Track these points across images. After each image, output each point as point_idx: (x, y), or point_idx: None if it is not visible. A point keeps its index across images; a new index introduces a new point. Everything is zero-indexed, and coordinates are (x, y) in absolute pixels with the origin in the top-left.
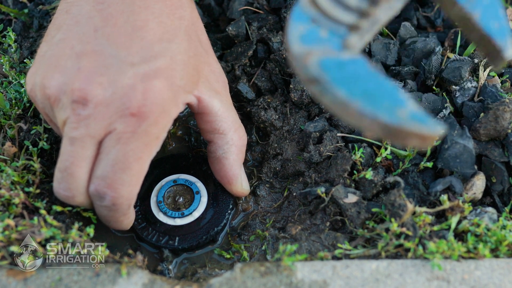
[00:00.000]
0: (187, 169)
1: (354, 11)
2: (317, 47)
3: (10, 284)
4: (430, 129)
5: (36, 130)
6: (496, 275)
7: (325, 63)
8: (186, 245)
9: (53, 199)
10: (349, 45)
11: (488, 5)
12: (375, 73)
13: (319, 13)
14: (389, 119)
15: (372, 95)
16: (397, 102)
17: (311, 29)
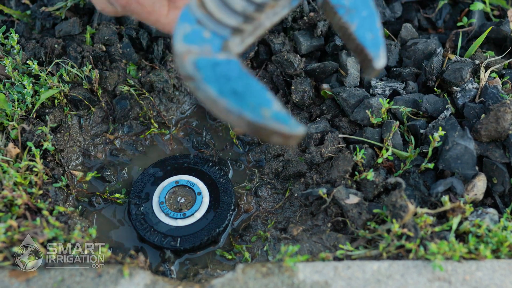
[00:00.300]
0: (189, 170)
1: (239, 15)
2: (198, 46)
3: (12, 285)
4: (291, 129)
5: (41, 130)
6: (498, 276)
7: (200, 62)
8: (188, 246)
9: (55, 200)
10: (228, 47)
11: (365, 17)
12: (246, 74)
13: (206, 15)
14: (253, 117)
15: (240, 94)
16: (263, 102)
17: (196, 29)
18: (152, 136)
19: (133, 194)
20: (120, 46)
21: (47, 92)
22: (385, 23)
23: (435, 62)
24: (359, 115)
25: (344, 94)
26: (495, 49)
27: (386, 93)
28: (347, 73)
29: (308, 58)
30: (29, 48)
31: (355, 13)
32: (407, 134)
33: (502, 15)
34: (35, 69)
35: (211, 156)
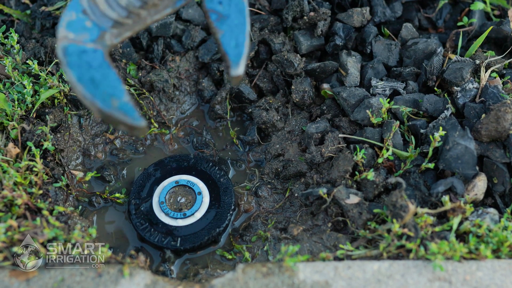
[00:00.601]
0: (189, 170)
1: (123, 9)
2: (75, 34)
3: (12, 284)
4: (133, 120)
5: (42, 130)
6: (498, 276)
7: (69, 48)
8: (188, 246)
9: (55, 200)
10: (104, 38)
11: (235, 25)
12: (107, 64)
13: (93, 6)
14: (103, 105)
15: (95, 83)
16: (115, 93)
17: (80, 18)
18: (152, 136)
19: (133, 194)
20: (120, 46)
21: (47, 91)
22: (385, 23)
23: (435, 62)
24: (360, 115)
25: (345, 94)
26: (495, 49)
27: (386, 93)
28: (347, 72)
29: (308, 58)
30: (29, 47)
31: (226, 20)
32: (407, 134)
33: (503, 14)
34: (35, 69)
35: (211, 156)
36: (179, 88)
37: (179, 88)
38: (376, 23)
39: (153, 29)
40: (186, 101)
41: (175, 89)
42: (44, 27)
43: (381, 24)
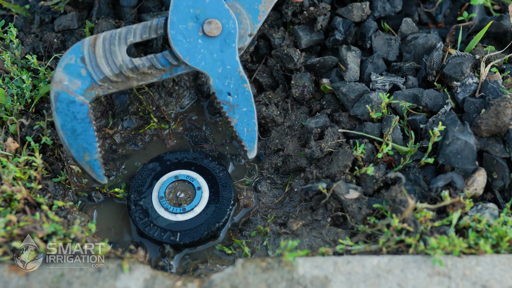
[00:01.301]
0: (188, 165)
1: (116, 68)
2: (69, 80)
3: (12, 279)
4: (97, 177)
5: (39, 125)
6: (497, 271)
7: (61, 95)
8: (188, 241)
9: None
10: (93, 89)
11: (244, 112)
12: (88, 120)
13: (92, 55)
14: (76, 155)
15: (75, 134)
16: (88, 148)
17: (78, 64)
18: (152, 130)
19: (132, 189)
20: None
21: (46, 86)
22: (385, 18)
23: (435, 57)
24: (359, 109)
25: (344, 88)
26: (495, 44)
27: (386, 87)
28: (347, 67)
29: (308, 53)
30: (28, 42)
31: (236, 109)
32: (407, 129)
33: (503, 9)
34: (34, 64)
35: (211, 151)
36: (179, 83)
37: (178, 83)
38: (376, 18)
39: None
40: (185, 95)
41: (174, 84)
42: (43, 21)
43: (381, 19)
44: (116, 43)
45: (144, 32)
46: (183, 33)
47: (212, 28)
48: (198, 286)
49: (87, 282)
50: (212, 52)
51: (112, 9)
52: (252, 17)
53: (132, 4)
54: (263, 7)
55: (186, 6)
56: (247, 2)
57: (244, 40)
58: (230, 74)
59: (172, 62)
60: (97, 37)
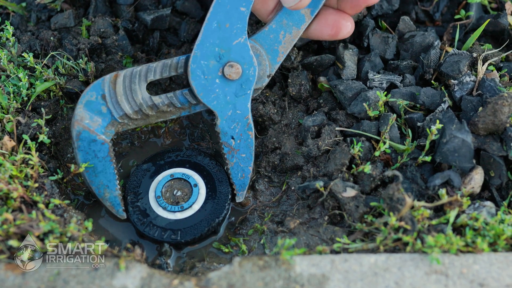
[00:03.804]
0: (183, 163)
1: (136, 106)
2: (90, 117)
3: (8, 278)
4: (117, 213)
5: (37, 123)
6: (495, 269)
7: (82, 134)
8: (189, 238)
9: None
10: (114, 126)
11: (242, 158)
12: (109, 159)
13: (113, 92)
14: (97, 192)
15: (96, 172)
16: (109, 185)
17: (98, 101)
18: (149, 128)
19: (128, 191)
20: (116, 39)
21: (42, 84)
22: (382, 16)
23: (432, 55)
24: (356, 108)
25: (341, 87)
26: (492, 42)
27: (383, 86)
28: (344, 66)
29: (305, 51)
30: (24, 40)
31: (236, 153)
32: (404, 127)
33: (500, 7)
34: (30, 62)
35: (208, 148)
36: (175, 80)
37: (175, 81)
38: (373, 16)
39: (149, 22)
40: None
41: (171, 81)
42: (39, 19)
43: (378, 17)
44: (136, 81)
45: (164, 70)
46: (203, 70)
47: (232, 72)
48: (195, 284)
49: (83, 280)
50: (226, 94)
51: (108, 7)
52: (271, 57)
53: (128, 2)
54: (283, 48)
55: (213, 44)
56: (267, 43)
57: (262, 81)
58: (238, 119)
59: (191, 101)
60: (118, 75)
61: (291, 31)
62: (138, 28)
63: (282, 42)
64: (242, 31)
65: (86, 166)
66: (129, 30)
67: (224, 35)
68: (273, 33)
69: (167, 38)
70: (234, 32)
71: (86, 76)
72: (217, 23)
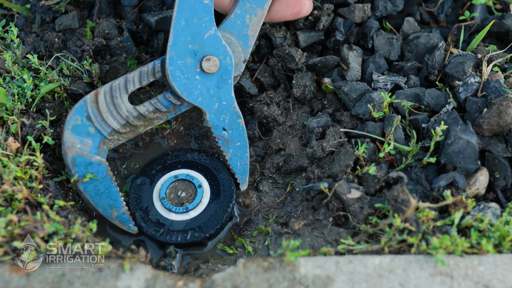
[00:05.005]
0: (175, 165)
1: (122, 119)
2: (80, 141)
3: (12, 279)
4: (128, 229)
5: (41, 124)
6: (500, 271)
7: (77, 160)
8: (213, 230)
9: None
10: (105, 144)
11: (238, 147)
12: (109, 178)
13: (96, 111)
14: (104, 213)
15: (99, 193)
16: (115, 204)
17: (84, 123)
18: (153, 130)
19: (134, 209)
20: (120, 40)
21: (47, 86)
22: (387, 17)
23: (437, 56)
24: (361, 109)
25: (346, 88)
26: (497, 43)
27: (387, 87)
28: (348, 67)
29: (309, 52)
30: (29, 42)
31: (231, 143)
32: (409, 128)
33: (505, 8)
34: (35, 63)
35: (210, 147)
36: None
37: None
38: (378, 17)
39: (153, 23)
40: None
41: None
42: (44, 21)
43: (383, 18)
44: (117, 95)
45: (142, 78)
46: (181, 69)
47: (210, 65)
48: (200, 286)
49: (88, 281)
50: (209, 88)
51: (113, 8)
52: (243, 43)
53: (133, 3)
54: (252, 31)
55: (185, 42)
56: (235, 29)
57: (239, 67)
58: (225, 110)
59: (175, 102)
60: (98, 93)
61: (256, 13)
62: (143, 29)
63: (250, 25)
64: (211, 23)
65: (89, 188)
66: (133, 32)
67: (194, 31)
68: (239, 18)
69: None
70: (203, 26)
71: (91, 77)
72: (185, 20)
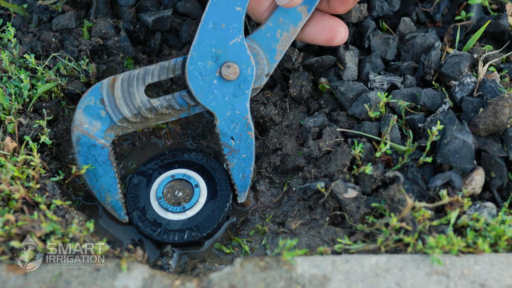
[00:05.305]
0: (171, 164)
1: (135, 109)
2: (90, 122)
3: (10, 279)
4: (119, 216)
5: (39, 124)
6: (496, 270)
7: (82, 139)
8: (210, 230)
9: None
10: (113, 129)
11: (243, 159)
12: (109, 163)
13: (111, 97)
14: (98, 196)
15: (97, 176)
16: (110, 189)
17: (97, 106)
18: (150, 130)
19: (131, 208)
20: (117, 40)
21: (44, 85)
22: (383, 17)
23: (433, 56)
24: (357, 109)
25: (342, 88)
26: (493, 43)
27: (384, 87)
28: (345, 67)
29: (306, 52)
30: (26, 41)
31: (236, 154)
32: (405, 128)
33: (501, 9)
34: (32, 63)
35: (207, 147)
36: (177, 82)
37: (176, 82)
38: (374, 18)
39: (150, 23)
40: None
41: (172, 83)
42: (41, 21)
43: (379, 18)
44: (134, 84)
45: (162, 73)
46: (200, 71)
47: (229, 72)
48: (197, 285)
49: (85, 281)
50: (224, 95)
51: (110, 8)
52: (269, 56)
53: (130, 3)
54: (280, 46)
55: (209, 45)
56: (264, 41)
57: (261, 80)
58: (237, 119)
59: (190, 102)
60: (116, 79)
61: (288, 29)
62: (140, 29)
63: (280, 40)
64: (239, 31)
65: (87, 169)
66: (130, 31)
67: (220, 35)
68: (270, 31)
69: (168, 39)
70: (231, 32)
71: (88, 77)
72: (213, 23)
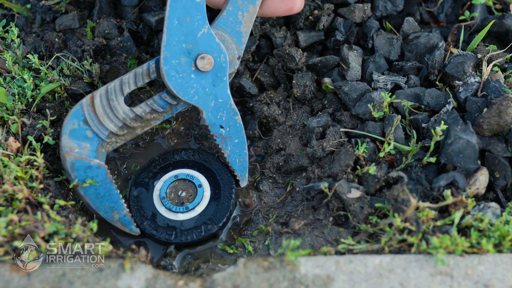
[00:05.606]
0: (169, 166)
1: (120, 121)
2: (78, 145)
3: (13, 279)
4: (130, 231)
5: (42, 124)
6: (500, 270)
7: (76, 164)
8: (225, 219)
9: (56, 194)
10: (103, 147)
11: (236, 144)
12: (109, 181)
13: (93, 114)
14: (106, 216)
15: (100, 197)
16: (116, 207)
17: (81, 127)
18: (154, 130)
19: (139, 220)
20: (120, 40)
21: (47, 86)
22: (387, 17)
23: (437, 56)
24: (361, 109)
25: (346, 88)
26: (497, 43)
27: (388, 87)
28: (348, 67)
29: (310, 52)
30: (29, 42)
31: (229, 141)
32: (409, 128)
33: (505, 8)
34: (35, 63)
35: (209, 148)
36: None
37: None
38: (378, 17)
39: (153, 23)
40: None
41: None
42: (44, 21)
43: (383, 18)
44: (113, 97)
45: (138, 80)
46: (176, 69)
47: (205, 64)
48: (200, 285)
49: (88, 281)
50: (204, 86)
51: (113, 8)
52: (236, 40)
53: (133, 3)
54: (244, 27)
55: (179, 41)
56: (228, 26)
57: (234, 64)
58: (222, 108)
59: (171, 102)
60: (94, 96)
61: (248, 9)
62: (143, 29)
63: (243, 22)
64: (204, 22)
65: (88, 192)
66: (133, 32)
67: (187, 30)
68: (232, 15)
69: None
70: (196, 25)
71: (91, 77)
72: (178, 19)
